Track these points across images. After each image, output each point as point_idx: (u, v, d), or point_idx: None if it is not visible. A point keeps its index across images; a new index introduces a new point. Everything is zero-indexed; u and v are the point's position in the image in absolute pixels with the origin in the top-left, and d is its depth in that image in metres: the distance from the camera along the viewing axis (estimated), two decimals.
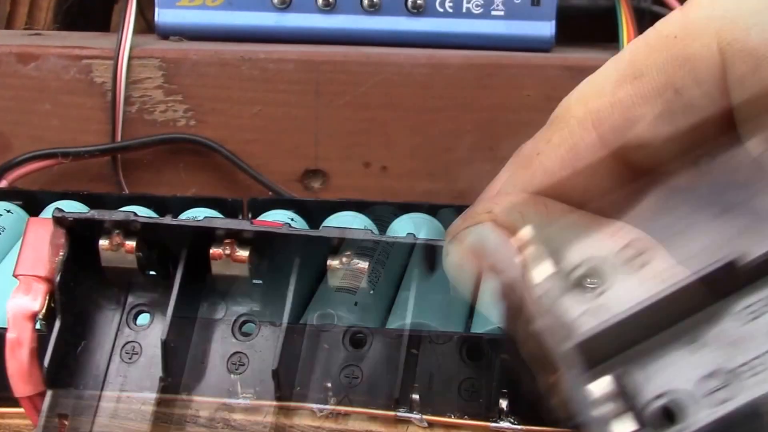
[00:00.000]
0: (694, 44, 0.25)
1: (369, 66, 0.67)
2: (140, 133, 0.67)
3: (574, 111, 0.27)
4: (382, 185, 0.69)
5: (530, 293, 0.25)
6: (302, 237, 0.32)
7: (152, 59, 0.67)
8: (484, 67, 0.68)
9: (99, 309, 0.34)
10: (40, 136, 0.67)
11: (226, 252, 0.32)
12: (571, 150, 0.27)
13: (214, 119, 0.68)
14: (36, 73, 0.67)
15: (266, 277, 0.33)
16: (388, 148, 0.69)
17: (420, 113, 0.68)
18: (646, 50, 0.26)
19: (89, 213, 0.32)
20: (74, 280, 0.33)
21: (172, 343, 0.32)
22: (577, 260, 0.25)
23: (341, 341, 0.33)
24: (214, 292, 0.34)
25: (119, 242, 0.32)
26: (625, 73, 0.26)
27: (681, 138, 0.25)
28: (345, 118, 0.68)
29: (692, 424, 0.23)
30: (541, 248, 0.25)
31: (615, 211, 0.27)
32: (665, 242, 0.25)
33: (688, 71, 0.25)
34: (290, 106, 0.68)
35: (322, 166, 0.69)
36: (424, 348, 0.32)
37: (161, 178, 0.69)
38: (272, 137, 0.68)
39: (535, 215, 0.26)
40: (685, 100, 0.25)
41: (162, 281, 0.33)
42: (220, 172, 0.69)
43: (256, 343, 0.33)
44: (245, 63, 0.67)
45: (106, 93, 0.67)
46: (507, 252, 0.26)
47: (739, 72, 0.24)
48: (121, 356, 0.33)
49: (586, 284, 0.25)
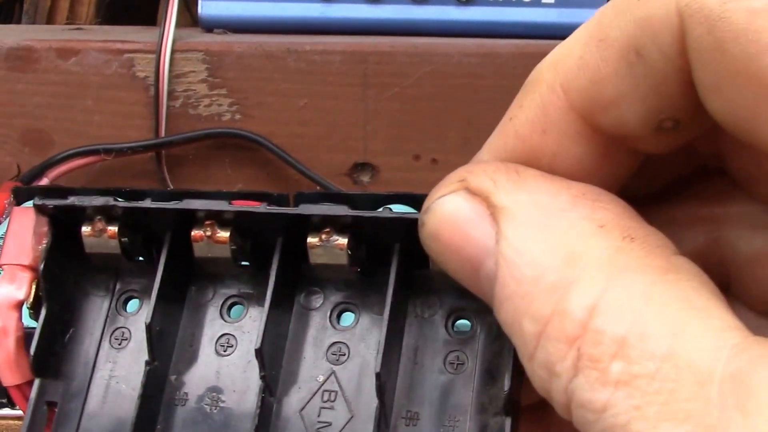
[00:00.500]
0: (654, 6, 0.25)
1: (417, 57, 0.66)
2: (184, 128, 0.67)
3: (545, 75, 0.27)
4: (433, 178, 0.67)
5: (504, 259, 0.25)
6: (281, 216, 0.32)
7: (196, 52, 0.66)
8: (536, 56, 0.66)
9: (87, 296, 0.34)
10: (81, 133, 0.67)
11: (207, 234, 0.32)
12: (540, 113, 0.27)
13: (260, 113, 0.67)
14: (76, 68, 0.66)
15: (252, 258, 0.33)
16: (438, 141, 0.68)
17: (470, 104, 0.67)
18: (612, 12, 0.26)
19: (69, 200, 0.32)
20: (59, 268, 0.33)
21: (158, 326, 0.32)
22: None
23: (327, 318, 0.33)
24: (202, 275, 0.34)
25: (101, 228, 0.32)
26: (591, 36, 0.26)
27: (644, 101, 0.26)
28: (394, 110, 0.67)
29: None
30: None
31: (585, 175, 0.27)
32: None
33: (648, 33, 0.25)
34: (337, 98, 0.67)
35: (370, 159, 0.68)
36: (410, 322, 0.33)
37: (207, 173, 0.68)
38: (320, 131, 0.67)
39: (507, 182, 0.26)
40: (646, 63, 0.25)
41: (150, 267, 0.33)
42: (267, 167, 0.68)
43: (244, 325, 0.34)
44: (291, 55, 0.66)
45: (149, 87, 0.66)
46: (480, 219, 0.26)
47: (695, 33, 0.24)
48: (111, 342, 0.34)
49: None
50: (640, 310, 0.23)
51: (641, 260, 0.24)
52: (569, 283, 0.24)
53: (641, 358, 0.23)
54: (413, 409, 0.32)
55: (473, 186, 0.27)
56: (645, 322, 0.23)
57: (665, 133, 0.26)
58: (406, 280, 0.32)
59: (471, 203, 0.26)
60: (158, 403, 0.32)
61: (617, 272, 0.24)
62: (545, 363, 0.24)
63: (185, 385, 0.33)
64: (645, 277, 0.24)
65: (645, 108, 0.26)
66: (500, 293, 0.25)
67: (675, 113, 0.26)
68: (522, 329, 0.25)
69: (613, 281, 0.24)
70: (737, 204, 0.29)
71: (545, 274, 0.24)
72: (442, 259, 0.27)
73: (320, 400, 0.32)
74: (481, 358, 0.32)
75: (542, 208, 0.26)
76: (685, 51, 0.24)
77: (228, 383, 0.33)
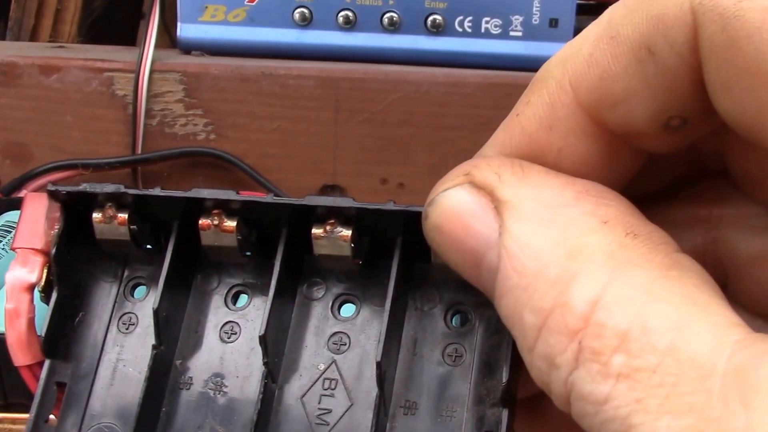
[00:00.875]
0: (667, 3, 0.25)
1: (388, 84, 0.68)
2: (160, 146, 0.68)
3: (554, 72, 0.27)
4: (399, 202, 0.69)
5: (507, 252, 0.25)
6: (287, 206, 0.32)
7: (173, 73, 0.68)
8: (502, 86, 0.68)
9: (97, 281, 0.35)
10: (60, 147, 0.68)
11: (215, 222, 0.32)
12: (548, 109, 0.27)
13: (234, 134, 0.69)
14: (58, 84, 0.68)
15: (257, 248, 0.33)
16: (406, 165, 0.70)
17: (437, 131, 0.69)
18: (623, 10, 0.26)
19: (82, 186, 0.33)
20: (70, 253, 0.34)
21: (164, 312, 0.33)
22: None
23: (329, 309, 0.33)
24: (208, 264, 0.34)
25: (112, 215, 0.33)
26: (601, 33, 0.26)
27: (654, 99, 0.26)
28: (363, 135, 0.69)
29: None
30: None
31: (590, 173, 0.27)
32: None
33: (661, 30, 0.25)
34: (309, 122, 0.68)
35: (339, 181, 0.70)
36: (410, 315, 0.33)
37: (180, 190, 0.69)
38: (291, 152, 0.69)
39: (511, 176, 0.26)
40: (658, 60, 0.25)
41: (158, 255, 0.34)
42: (239, 186, 0.69)
43: (248, 313, 0.34)
44: (265, 78, 0.68)
45: (127, 106, 0.68)
46: (484, 212, 0.26)
47: (708, 31, 0.24)
48: (118, 327, 0.34)
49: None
50: (642, 305, 0.23)
51: (644, 256, 0.24)
52: (571, 277, 0.24)
53: (643, 352, 0.23)
54: (411, 398, 0.32)
55: (478, 179, 0.27)
56: (647, 316, 0.23)
57: (672, 132, 0.26)
58: (407, 273, 0.32)
59: (475, 196, 0.26)
60: (164, 386, 0.33)
61: (620, 267, 0.24)
62: (545, 355, 0.24)
63: (190, 369, 0.34)
64: (647, 273, 0.24)
65: (654, 105, 0.26)
66: (502, 285, 0.25)
67: (683, 111, 0.26)
68: (523, 321, 0.25)
69: (616, 276, 0.24)
70: (737, 206, 0.29)
71: (548, 267, 0.24)
72: (445, 251, 0.27)
73: (321, 388, 0.33)
74: (480, 350, 0.32)
75: (546, 202, 0.26)
76: (697, 49, 0.24)
77: (231, 369, 0.33)
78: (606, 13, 0.27)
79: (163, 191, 0.33)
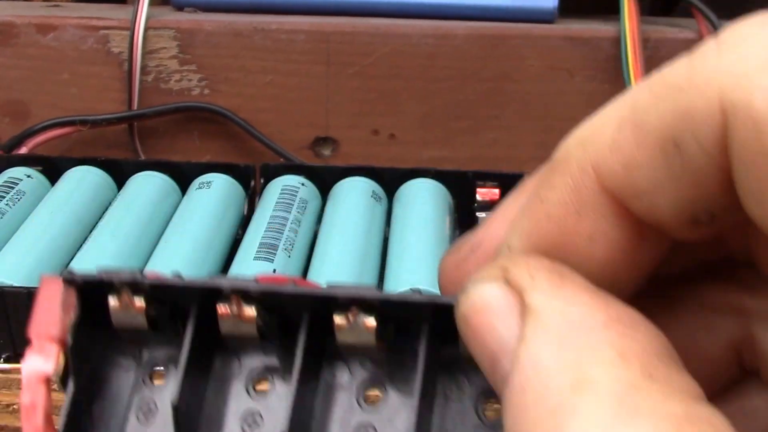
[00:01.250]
0: (697, 99, 0.23)
1: (377, 37, 0.69)
2: (156, 101, 0.69)
3: (574, 153, 0.25)
4: (390, 152, 0.71)
5: (519, 365, 0.24)
6: (307, 296, 0.31)
7: (167, 30, 0.69)
8: (489, 38, 0.69)
9: (114, 367, 0.33)
10: (58, 105, 0.69)
11: (234, 310, 0.31)
12: (573, 194, 0.25)
13: (228, 88, 0.70)
14: (54, 43, 0.69)
15: (279, 333, 0.32)
16: (396, 117, 0.71)
17: (427, 83, 0.70)
18: (650, 98, 0.24)
19: (97, 273, 0.31)
20: (88, 341, 0.32)
21: (184, 407, 0.31)
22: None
23: (355, 398, 0.32)
24: (227, 347, 0.33)
25: (128, 301, 0.31)
26: (626, 118, 0.24)
27: (680, 193, 0.24)
28: (354, 88, 0.70)
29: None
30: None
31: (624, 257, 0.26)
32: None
33: (689, 126, 0.23)
34: (301, 75, 0.69)
35: (332, 133, 0.71)
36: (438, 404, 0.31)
37: (176, 145, 0.71)
38: (284, 106, 0.70)
39: (545, 282, 0.25)
40: (684, 156, 0.23)
41: (176, 337, 0.32)
42: (234, 140, 0.70)
43: (270, 401, 0.32)
44: (258, 33, 0.69)
45: (123, 63, 0.69)
46: (509, 313, 0.25)
47: (740, 136, 0.22)
48: (137, 416, 0.33)
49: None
50: None
51: (656, 405, 0.22)
52: (570, 412, 0.22)
53: None
54: None
55: (512, 278, 0.25)
56: None
57: (699, 225, 0.25)
58: (435, 360, 0.31)
59: (505, 295, 0.25)
60: None
61: (625, 413, 0.22)
62: None
63: None
64: (655, 426, 0.22)
65: (680, 200, 0.24)
66: (507, 397, 0.24)
67: (711, 207, 0.24)
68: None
69: (618, 423, 0.22)
70: (767, 298, 0.28)
71: (550, 395, 0.23)
72: (468, 344, 0.26)
73: None
74: None
75: (572, 321, 0.24)
76: (727, 149, 0.23)
77: None
78: (630, 96, 0.24)
79: (180, 280, 0.31)
